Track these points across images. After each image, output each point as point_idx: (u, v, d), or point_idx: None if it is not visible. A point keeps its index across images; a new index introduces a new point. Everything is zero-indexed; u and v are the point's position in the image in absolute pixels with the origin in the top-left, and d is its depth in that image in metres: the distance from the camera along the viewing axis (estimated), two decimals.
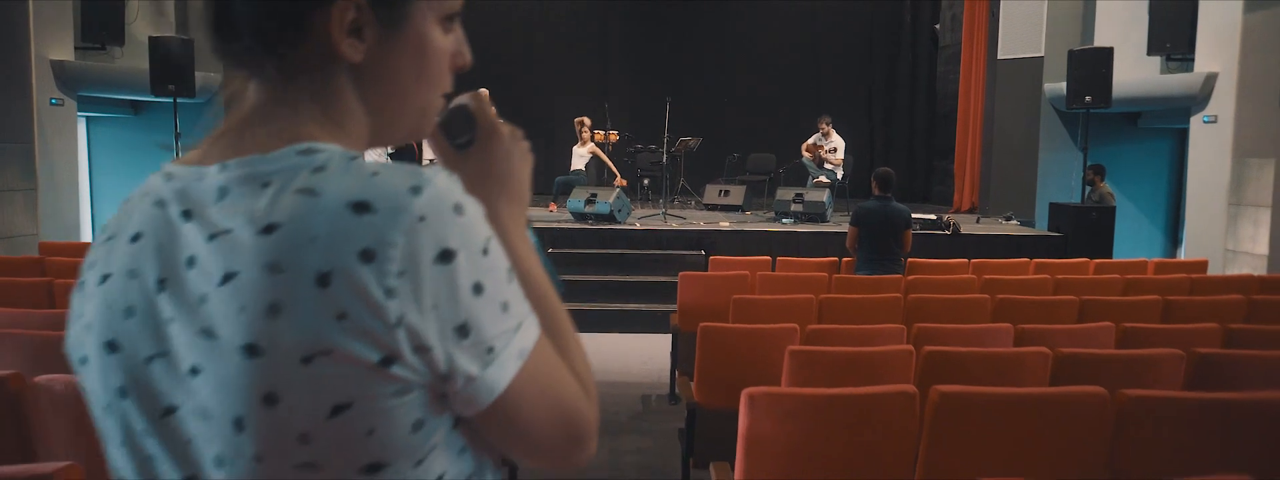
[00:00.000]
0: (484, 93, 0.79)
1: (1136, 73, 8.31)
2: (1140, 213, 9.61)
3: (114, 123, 9.54)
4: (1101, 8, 9.07)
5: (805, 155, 9.83)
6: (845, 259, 5.82)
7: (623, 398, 4.92)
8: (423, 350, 0.59)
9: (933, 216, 8.25)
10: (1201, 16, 7.74)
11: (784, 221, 8.61)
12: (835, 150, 9.69)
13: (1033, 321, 3.49)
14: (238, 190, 0.62)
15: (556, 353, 0.69)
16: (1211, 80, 7.64)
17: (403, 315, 0.58)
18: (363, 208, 0.58)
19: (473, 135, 0.78)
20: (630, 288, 7.20)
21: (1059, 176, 9.30)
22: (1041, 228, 8.81)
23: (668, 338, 4.84)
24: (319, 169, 0.61)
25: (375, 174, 0.61)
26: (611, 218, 8.16)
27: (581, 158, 9.41)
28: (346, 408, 0.58)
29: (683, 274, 4.83)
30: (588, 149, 9.43)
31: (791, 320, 3.28)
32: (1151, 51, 8.21)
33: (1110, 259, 6.83)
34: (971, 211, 10.26)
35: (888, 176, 5.65)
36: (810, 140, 9.83)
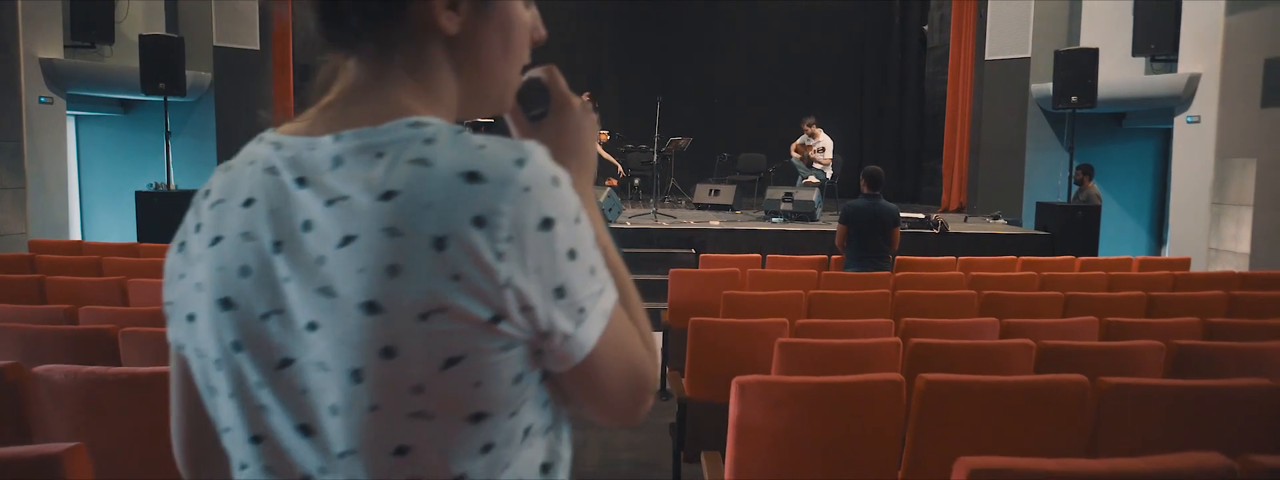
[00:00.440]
0: (554, 67, 0.83)
1: (1121, 73, 8.39)
2: (1125, 212, 9.70)
3: (103, 121, 9.49)
4: (1087, 9, 9.15)
5: (794, 156, 9.88)
6: (834, 257, 5.87)
7: None
8: (527, 309, 0.64)
9: (921, 215, 8.30)
10: (1185, 18, 7.83)
11: (774, 220, 8.66)
12: (823, 150, 9.74)
13: (1018, 316, 3.53)
14: (353, 159, 0.66)
15: (625, 316, 0.74)
16: (1195, 81, 7.73)
17: (511, 277, 0.63)
18: (474, 177, 0.63)
19: (546, 107, 0.82)
20: None
21: (1046, 176, 9.37)
22: (1028, 227, 8.88)
23: (659, 335, 4.87)
24: (429, 140, 0.66)
25: (482, 146, 0.65)
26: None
27: None
28: (458, 361, 0.63)
29: (673, 271, 4.85)
30: None
31: (781, 315, 3.32)
32: (1136, 53, 8.29)
33: (1096, 257, 6.90)
34: (959, 211, 10.33)
35: (876, 175, 5.69)
36: (798, 141, 9.90)
